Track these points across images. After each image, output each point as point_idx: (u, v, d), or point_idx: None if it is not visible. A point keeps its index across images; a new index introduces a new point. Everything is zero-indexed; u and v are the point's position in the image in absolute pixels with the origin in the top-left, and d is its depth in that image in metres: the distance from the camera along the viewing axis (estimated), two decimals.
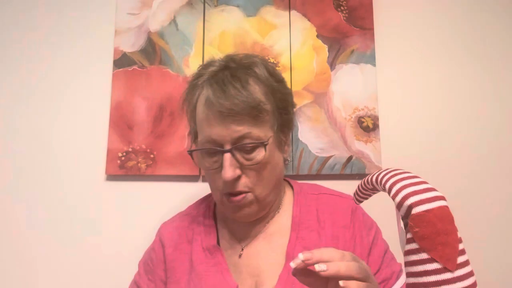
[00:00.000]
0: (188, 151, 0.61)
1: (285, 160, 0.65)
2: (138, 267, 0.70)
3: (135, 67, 0.95)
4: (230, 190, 0.57)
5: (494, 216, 0.96)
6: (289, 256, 0.59)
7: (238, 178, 0.56)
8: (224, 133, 0.55)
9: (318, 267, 0.39)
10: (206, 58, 0.95)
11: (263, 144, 0.56)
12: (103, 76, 0.95)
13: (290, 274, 0.57)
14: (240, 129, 0.55)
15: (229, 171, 0.55)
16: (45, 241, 0.89)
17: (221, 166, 0.56)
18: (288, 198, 0.68)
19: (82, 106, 0.95)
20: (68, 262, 0.88)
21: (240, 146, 0.55)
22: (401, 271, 0.63)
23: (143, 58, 0.95)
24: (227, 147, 0.56)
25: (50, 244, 0.89)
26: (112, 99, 0.93)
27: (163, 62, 0.95)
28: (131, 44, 0.95)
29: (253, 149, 0.56)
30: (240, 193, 0.57)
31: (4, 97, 0.95)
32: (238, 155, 0.56)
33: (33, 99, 0.95)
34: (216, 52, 0.96)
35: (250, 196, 0.58)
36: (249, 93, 0.56)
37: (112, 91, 0.93)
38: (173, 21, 0.97)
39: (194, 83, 0.62)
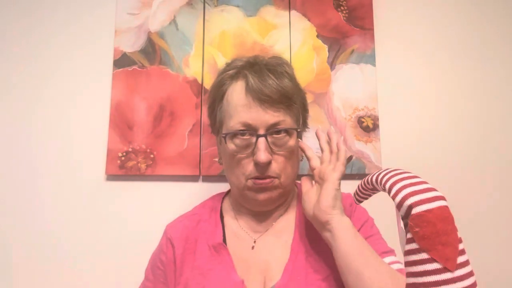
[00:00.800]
0: (222, 134, 0.63)
1: (300, 156, 0.69)
2: (146, 274, 0.69)
3: (135, 67, 0.95)
4: (259, 174, 0.59)
5: (494, 216, 0.96)
6: (294, 251, 0.61)
7: (269, 163, 0.59)
8: (261, 118, 0.59)
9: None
10: (206, 58, 0.95)
11: (296, 130, 0.62)
12: (103, 76, 0.95)
13: (295, 266, 0.59)
14: (276, 116, 0.59)
15: (265, 154, 0.58)
16: (45, 241, 0.89)
17: (252, 151, 0.59)
18: (294, 197, 0.72)
19: (82, 106, 0.95)
20: (68, 262, 0.88)
21: (274, 132, 0.59)
22: (386, 253, 0.63)
23: (143, 58, 0.95)
24: (262, 132, 0.59)
25: (50, 244, 0.89)
26: (112, 99, 0.93)
27: (163, 62, 0.95)
28: (131, 44, 0.95)
29: (285, 136, 0.60)
30: (269, 177, 0.60)
31: (4, 97, 0.95)
32: (271, 141, 0.60)
33: (33, 99, 0.95)
34: (216, 52, 0.96)
35: (276, 181, 0.61)
36: (284, 85, 0.61)
37: (112, 91, 0.93)
38: (173, 21, 0.97)
39: (224, 75, 0.65)
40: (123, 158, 0.90)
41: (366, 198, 0.62)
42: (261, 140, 0.58)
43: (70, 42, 0.97)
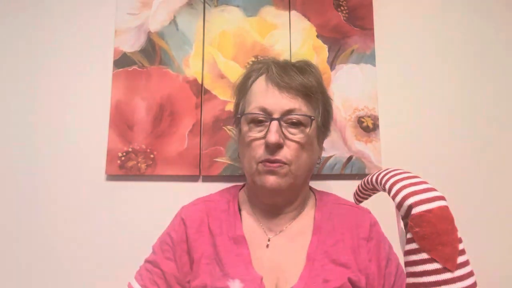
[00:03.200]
0: (238, 115, 0.66)
1: (318, 158, 0.70)
2: (153, 248, 0.69)
3: (135, 67, 0.94)
4: (269, 156, 0.60)
5: (494, 216, 0.96)
6: (310, 258, 0.61)
7: (279, 146, 0.60)
8: (277, 103, 0.61)
9: None
10: (206, 58, 0.95)
11: (310, 118, 0.62)
12: (103, 76, 0.95)
13: (311, 273, 0.59)
14: (292, 103, 0.61)
15: (275, 135, 0.59)
16: (45, 241, 0.89)
17: (265, 135, 0.60)
18: (311, 202, 0.71)
19: (82, 106, 0.95)
20: (68, 262, 0.88)
21: (289, 118, 0.60)
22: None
23: (143, 58, 0.95)
24: (276, 116, 0.60)
25: (49, 244, 0.89)
26: (112, 99, 0.93)
27: (163, 62, 0.95)
28: (131, 44, 0.95)
29: (299, 124, 0.61)
30: (278, 161, 0.60)
31: (4, 97, 0.95)
32: (284, 127, 0.61)
33: (33, 99, 0.95)
34: (216, 52, 0.96)
35: (286, 168, 0.61)
36: (307, 78, 0.63)
37: (112, 91, 0.93)
38: (173, 21, 0.97)
39: (251, 68, 0.69)
40: (123, 158, 0.90)
41: (366, 198, 0.62)
42: (274, 123, 0.60)
43: (70, 42, 0.97)
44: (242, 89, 0.69)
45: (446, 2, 1.05)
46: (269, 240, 0.64)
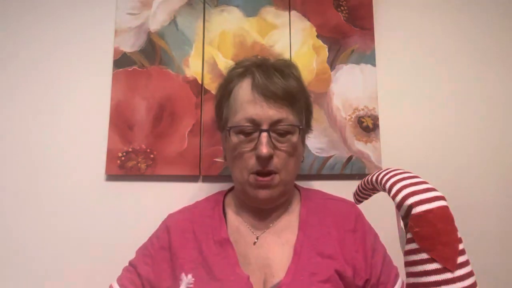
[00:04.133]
0: (228, 127, 0.66)
1: (302, 157, 0.71)
2: (136, 252, 0.71)
3: (135, 67, 0.94)
4: (261, 168, 0.61)
5: (494, 216, 0.96)
6: (297, 252, 0.62)
7: (270, 157, 0.61)
8: (265, 114, 0.61)
9: None
10: (206, 58, 0.95)
11: (298, 127, 0.64)
12: (103, 76, 0.95)
13: (298, 266, 0.60)
14: (280, 113, 0.62)
15: (267, 147, 0.60)
16: (45, 241, 0.89)
17: (255, 146, 0.61)
18: (296, 198, 0.73)
19: (82, 106, 0.95)
20: (68, 262, 0.88)
21: (277, 128, 0.62)
22: (397, 275, 0.65)
23: (143, 58, 0.95)
24: (265, 127, 0.61)
25: (49, 244, 0.89)
26: (112, 99, 0.93)
27: (163, 62, 0.95)
28: (131, 44, 0.95)
29: (287, 133, 0.63)
30: (269, 173, 0.61)
31: (4, 97, 0.95)
32: (274, 137, 0.62)
33: (32, 99, 0.95)
34: (216, 52, 0.96)
35: (277, 178, 0.62)
36: (289, 83, 0.64)
37: (112, 91, 0.93)
38: (173, 21, 0.97)
39: (232, 73, 0.69)
40: (123, 158, 0.90)
41: (366, 198, 0.62)
42: (264, 134, 0.61)
43: (70, 42, 0.97)
44: (225, 94, 0.69)
45: (446, 2, 1.05)
46: (257, 238, 0.66)
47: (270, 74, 0.64)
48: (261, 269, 0.61)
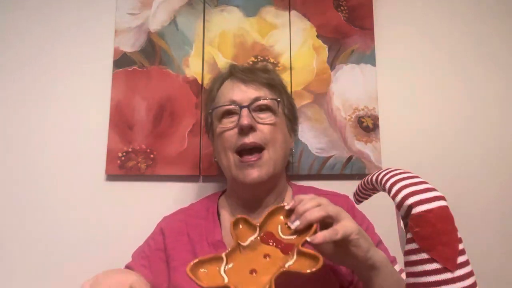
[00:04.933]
0: (209, 110, 0.69)
1: (290, 152, 0.73)
2: (132, 256, 0.71)
3: (135, 67, 0.94)
4: (244, 140, 0.62)
5: (494, 216, 0.96)
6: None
7: (252, 129, 0.63)
8: (244, 95, 0.65)
9: (291, 225, 0.48)
10: (206, 58, 0.95)
11: (276, 101, 0.67)
12: (103, 76, 0.95)
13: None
14: (258, 92, 0.66)
15: (247, 118, 0.62)
16: (45, 241, 0.89)
17: (237, 125, 0.63)
18: (288, 195, 0.72)
19: (82, 106, 0.95)
20: (68, 262, 0.88)
21: (257, 105, 0.64)
22: (393, 261, 0.65)
23: (143, 58, 0.95)
24: (245, 104, 0.64)
25: (50, 244, 0.89)
26: (112, 99, 0.93)
27: (163, 62, 0.95)
28: (131, 44, 0.95)
29: (267, 110, 0.65)
30: (255, 149, 0.63)
31: (4, 97, 0.95)
32: (254, 113, 0.64)
33: (32, 99, 0.95)
34: (216, 52, 0.96)
35: (265, 155, 0.63)
36: (268, 75, 0.70)
37: (112, 91, 0.93)
38: (173, 21, 0.97)
39: (215, 79, 0.73)
40: (123, 158, 0.90)
41: (366, 198, 0.62)
42: (244, 109, 0.63)
43: (70, 42, 0.97)
44: (210, 98, 0.72)
45: (446, 2, 1.05)
46: None
47: (251, 69, 0.70)
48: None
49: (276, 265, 0.44)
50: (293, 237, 0.48)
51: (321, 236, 0.44)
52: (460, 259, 0.39)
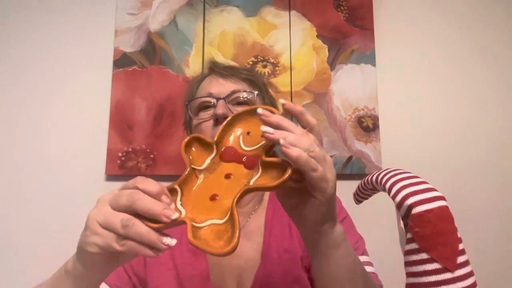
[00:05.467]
0: (185, 102, 0.67)
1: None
2: None
3: (135, 67, 0.94)
4: None
5: (494, 216, 0.96)
6: (265, 256, 0.59)
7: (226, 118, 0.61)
8: (222, 88, 0.63)
9: (263, 128, 0.35)
10: (206, 58, 0.95)
11: (254, 94, 0.65)
12: (103, 76, 0.95)
13: (265, 272, 0.57)
14: (236, 85, 0.64)
15: (222, 108, 0.59)
16: (45, 241, 0.89)
17: (213, 115, 0.61)
18: (266, 196, 0.70)
19: (82, 106, 0.95)
20: None
21: (234, 97, 0.62)
22: (357, 248, 0.61)
23: (143, 58, 0.95)
24: (222, 97, 0.62)
25: (50, 244, 0.89)
26: (112, 99, 0.93)
27: (163, 62, 0.95)
28: (131, 44, 0.95)
29: (245, 103, 0.63)
30: None
31: (4, 97, 0.95)
32: (231, 106, 0.62)
33: (33, 99, 0.95)
34: (216, 52, 0.96)
35: None
36: (249, 71, 0.68)
37: (112, 91, 0.93)
38: (173, 21, 0.97)
39: (194, 80, 0.71)
40: (123, 158, 0.90)
41: (366, 198, 0.62)
42: (221, 101, 0.61)
43: (70, 42, 0.97)
44: (190, 95, 0.71)
45: (446, 2, 1.05)
46: None
47: (230, 65, 0.69)
48: (234, 279, 0.59)
49: (240, 184, 0.37)
50: (260, 144, 0.38)
51: (297, 150, 0.33)
52: (460, 259, 0.39)
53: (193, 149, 0.43)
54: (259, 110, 0.36)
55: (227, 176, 0.39)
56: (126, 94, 0.93)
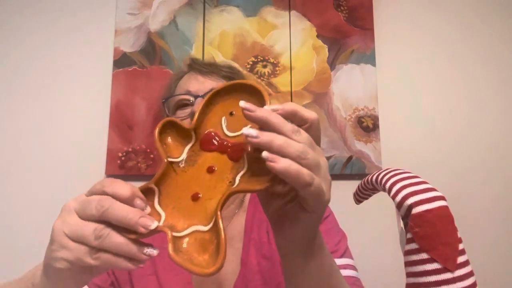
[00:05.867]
0: (162, 100, 0.64)
1: None
2: None
3: (135, 67, 0.94)
4: None
5: (494, 216, 0.96)
6: (244, 263, 0.57)
7: None
8: (201, 85, 0.61)
9: (245, 131, 0.28)
10: (206, 58, 0.95)
11: None
12: (103, 76, 0.95)
13: (244, 280, 0.54)
14: (216, 83, 0.61)
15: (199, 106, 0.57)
16: (45, 241, 0.89)
17: (190, 114, 0.59)
18: (247, 196, 0.67)
19: (82, 106, 0.95)
20: None
21: None
22: (337, 250, 0.57)
23: (143, 58, 0.95)
24: (201, 94, 0.60)
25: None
26: (112, 99, 0.93)
27: (163, 62, 0.95)
28: (131, 44, 0.95)
29: None
30: None
31: (4, 96, 0.95)
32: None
33: (33, 99, 0.95)
34: (216, 52, 0.96)
35: None
36: (230, 69, 0.66)
37: (112, 91, 0.93)
38: (173, 21, 0.97)
39: (173, 76, 0.70)
40: (123, 158, 0.90)
41: (366, 198, 0.62)
42: (199, 99, 0.58)
43: (70, 42, 0.97)
44: (168, 93, 0.68)
45: (446, 2, 1.05)
46: None
47: (211, 62, 0.66)
48: (214, 286, 0.56)
49: (224, 181, 0.32)
50: (246, 128, 0.31)
51: (285, 162, 0.27)
52: (460, 259, 0.39)
53: (170, 139, 0.36)
54: (242, 104, 0.29)
55: (210, 170, 0.33)
56: (126, 94, 0.93)
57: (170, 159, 0.34)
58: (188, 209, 0.32)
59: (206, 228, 0.30)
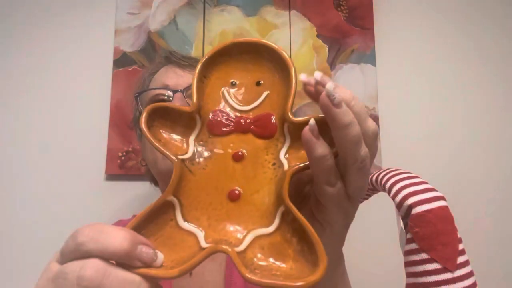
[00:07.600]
0: (135, 94, 0.58)
1: None
2: None
3: (135, 66, 0.94)
4: None
5: (494, 216, 0.96)
6: (228, 276, 0.52)
7: None
8: (180, 79, 0.55)
9: (304, 78, 0.24)
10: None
11: None
12: (103, 76, 0.95)
13: None
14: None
15: (179, 102, 0.52)
16: (45, 241, 0.89)
17: None
18: None
19: (82, 106, 0.95)
20: None
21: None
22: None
23: (143, 58, 0.95)
24: (180, 89, 0.54)
25: (49, 245, 0.89)
26: (112, 99, 0.93)
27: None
28: (131, 44, 0.95)
29: None
30: None
31: (4, 96, 0.95)
32: (189, 100, 0.53)
33: (32, 98, 0.95)
34: None
35: None
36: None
37: (112, 90, 0.93)
38: (173, 21, 0.97)
39: (149, 66, 0.65)
40: (123, 157, 0.90)
41: (366, 199, 0.62)
42: (178, 94, 0.52)
43: (70, 41, 0.97)
44: (141, 88, 0.63)
45: (446, 2, 1.05)
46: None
47: (191, 56, 0.61)
48: None
49: (265, 165, 0.25)
50: (261, 99, 0.25)
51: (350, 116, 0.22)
52: (460, 259, 0.39)
53: (163, 132, 0.26)
54: (302, 77, 0.23)
55: (237, 157, 0.25)
56: (126, 94, 0.93)
57: (178, 157, 0.25)
58: (229, 213, 0.24)
59: (271, 229, 0.23)
